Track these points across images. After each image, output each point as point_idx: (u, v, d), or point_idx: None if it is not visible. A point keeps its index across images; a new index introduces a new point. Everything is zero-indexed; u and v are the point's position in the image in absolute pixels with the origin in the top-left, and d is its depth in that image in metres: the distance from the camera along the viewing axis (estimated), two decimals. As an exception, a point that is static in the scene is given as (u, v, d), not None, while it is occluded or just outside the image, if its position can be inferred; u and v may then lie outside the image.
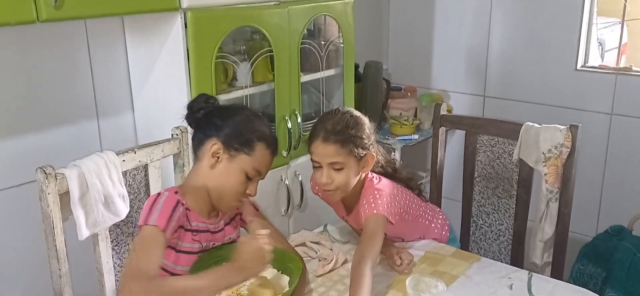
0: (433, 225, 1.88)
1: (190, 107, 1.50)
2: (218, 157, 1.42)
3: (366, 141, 1.62)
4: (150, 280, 1.22)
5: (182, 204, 1.40)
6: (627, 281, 2.31)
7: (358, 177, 1.64)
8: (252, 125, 1.45)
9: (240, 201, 1.48)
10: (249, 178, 1.44)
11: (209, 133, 1.44)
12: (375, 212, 1.59)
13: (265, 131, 1.46)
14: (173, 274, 1.43)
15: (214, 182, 1.43)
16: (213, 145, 1.42)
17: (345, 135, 1.58)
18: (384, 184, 1.68)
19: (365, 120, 1.66)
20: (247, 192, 1.45)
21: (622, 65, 2.84)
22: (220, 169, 1.42)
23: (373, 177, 1.69)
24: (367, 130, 1.64)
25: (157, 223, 1.30)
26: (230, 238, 1.54)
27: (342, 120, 1.60)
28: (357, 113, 1.67)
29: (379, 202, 1.60)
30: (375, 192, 1.63)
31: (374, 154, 1.66)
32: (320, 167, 1.60)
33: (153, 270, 1.25)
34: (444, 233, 1.91)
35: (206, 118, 1.47)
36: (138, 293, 1.19)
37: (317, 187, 1.79)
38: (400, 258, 1.64)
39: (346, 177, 1.60)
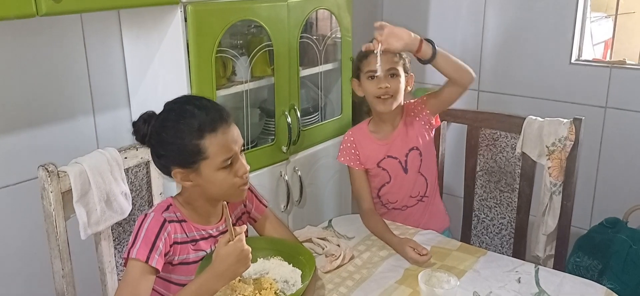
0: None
1: (136, 136, 1.40)
2: (189, 178, 1.36)
3: (407, 63, 1.88)
4: None
5: (169, 222, 1.35)
6: (623, 273, 2.34)
7: (403, 94, 1.87)
8: (182, 132, 1.31)
9: (241, 188, 1.39)
10: (228, 166, 1.35)
11: (164, 165, 1.38)
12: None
13: (200, 123, 1.31)
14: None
15: (206, 193, 1.39)
16: (176, 175, 1.36)
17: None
18: None
19: None
20: (239, 174, 1.36)
21: (611, 58, 2.86)
22: (200, 183, 1.36)
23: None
24: (406, 58, 1.88)
25: (139, 256, 1.29)
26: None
27: None
28: None
29: None
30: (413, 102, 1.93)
31: (413, 76, 1.91)
32: (375, 77, 1.81)
33: None
34: (444, 208, 2.09)
35: (152, 149, 1.40)
36: None
37: (353, 148, 1.95)
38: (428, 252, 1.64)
39: (399, 84, 1.84)
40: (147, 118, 1.38)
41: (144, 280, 1.29)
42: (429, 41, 1.70)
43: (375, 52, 1.67)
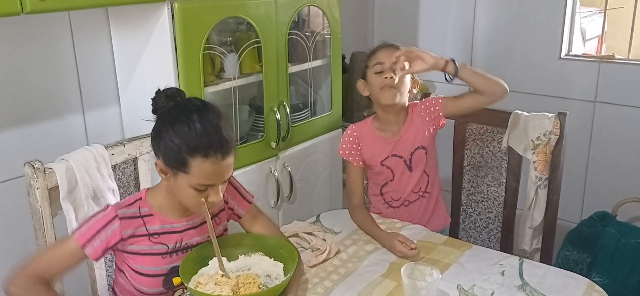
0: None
1: (153, 104, 1.38)
2: (166, 174, 1.36)
3: None
4: (22, 272, 1.35)
5: (121, 219, 1.37)
6: (612, 266, 2.35)
7: (408, 94, 1.90)
8: (180, 139, 1.29)
9: (204, 209, 1.37)
10: (201, 190, 1.33)
11: (154, 148, 1.38)
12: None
13: (196, 142, 1.28)
14: (142, 274, 1.43)
15: (174, 192, 1.40)
16: (157, 164, 1.37)
17: (402, 48, 1.85)
18: None
19: None
20: (209, 201, 1.35)
21: (603, 53, 2.88)
22: (172, 184, 1.37)
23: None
24: None
25: (77, 238, 1.35)
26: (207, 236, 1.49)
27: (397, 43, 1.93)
28: None
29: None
30: (421, 102, 1.96)
31: (419, 80, 1.97)
32: (382, 71, 1.85)
33: (34, 268, 1.35)
34: (445, 206, 2.06)
35: (154, 126, 1.38)
36: (7, 279, 1.34)
37: (355, 143, 1.95)
38: (415, 245, 1.65)
39: (404, 79, 1.86)
40: (171, 96, 1.37)
41: (70, 258, 1.36)
42: (454, 61, 1.83)
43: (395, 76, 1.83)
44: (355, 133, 1.96)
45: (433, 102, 1.93)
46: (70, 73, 1.99)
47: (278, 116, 2.23)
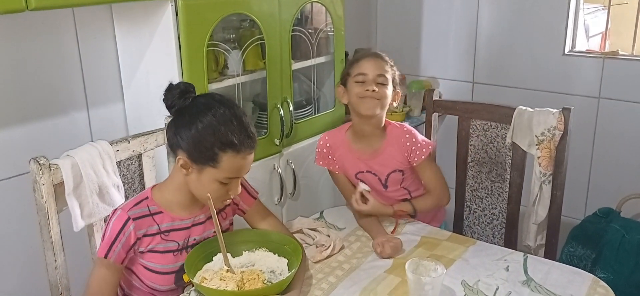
0: None
1: (165, 100, 1.40)
2: (188, 169, 1.38)
3: (396, 78, 1.85)
4: None
5: (134, 219, 1.38)
6: (616, 262, 2.35)
7: (387, 106, 1.82)
8: (212, 134, 1.33)
9: (224, 202, 1.45)
10: (225, 184, 1.38)
11: (176, 144, 1.39)
12: (429, 149, 1.85)
13: (229, 137, 1.33)
14: (160, 273, 1.44)
15: (191, 187, 1.41)
16: (179, 160, 1.38)
17: (387, 59, 1.84)
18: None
19: None
20: (229, 194, 1.40)
21: (607, 49, 2.88)
22: (193, 178, 1.39)
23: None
24: (396, 73, 1.87)
25: (100, 253, 1.39)
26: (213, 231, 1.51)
27: (381, 52, 1.89)
28: None
29: (422, 138, 1.85)
30: (407, 133, 1.85)
31: (400, 93, 1.88)
32: (364, 82, 1.77)
33: None
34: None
35: (174, 121, 1.40)
36: None
37: (329, 154, 1.92)
38: (383, 247, 1.63)
39: (386, 92, 1.79)
40: (185, 93, 1.37)
41: (108, 276, 1.40)
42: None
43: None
44: (328, 144, 1.92)
45: (421, 148, 1.83)
46: (75, 70, 1.99)
47: (281, 113, 2.23)
